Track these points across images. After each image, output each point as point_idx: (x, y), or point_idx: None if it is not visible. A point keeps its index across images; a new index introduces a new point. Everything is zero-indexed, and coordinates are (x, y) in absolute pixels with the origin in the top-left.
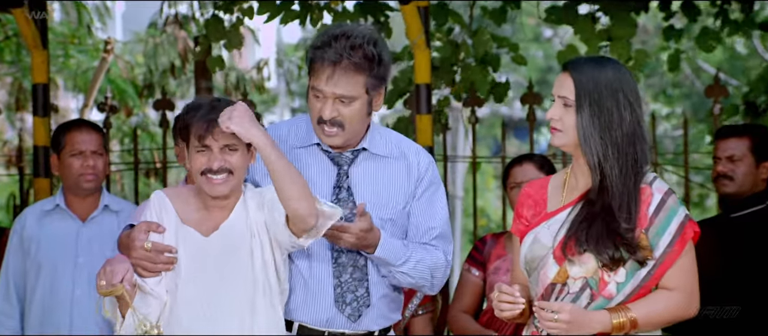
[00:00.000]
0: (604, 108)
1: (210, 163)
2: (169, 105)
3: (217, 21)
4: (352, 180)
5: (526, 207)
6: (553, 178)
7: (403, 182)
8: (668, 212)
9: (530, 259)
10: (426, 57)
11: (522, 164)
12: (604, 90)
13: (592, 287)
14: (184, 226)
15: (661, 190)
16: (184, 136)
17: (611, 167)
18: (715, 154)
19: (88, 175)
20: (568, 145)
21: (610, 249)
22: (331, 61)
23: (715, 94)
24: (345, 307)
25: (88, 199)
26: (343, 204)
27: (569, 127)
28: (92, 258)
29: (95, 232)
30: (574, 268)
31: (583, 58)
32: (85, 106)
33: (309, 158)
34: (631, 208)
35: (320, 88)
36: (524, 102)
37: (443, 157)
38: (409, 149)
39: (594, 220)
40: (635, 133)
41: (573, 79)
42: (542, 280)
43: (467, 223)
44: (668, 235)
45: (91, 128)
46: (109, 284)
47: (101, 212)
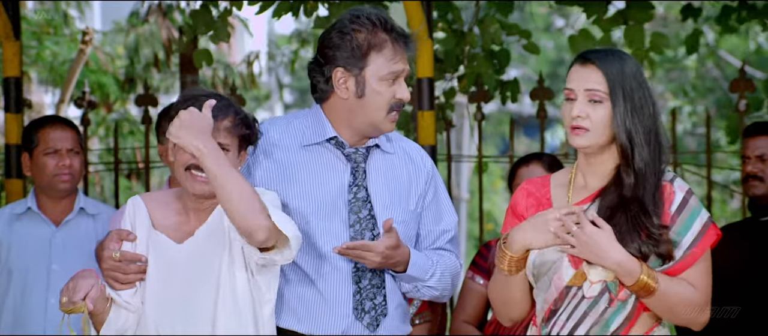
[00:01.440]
0: (635, 100)
1: (195, 160)
2: (152, 100)
3: (204, 11)
4: (369, 176)
5: (527, 207)
6: (555, 177)
7: (413, 182)
8: (691, 211)
9: (540, 264)
10: (428, 49)
11: (529, 164)
12: (632, 81)
13: (612, 291)
14: (156, 232)
15: (682, 189)
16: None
17: (645, 161)
18: (744, 153)
19: (63, 176)
20: (594, 145)
21: (637, 242)
22: (396, 39)
23: (740, 88)
24: (364, 315)
25: (62, 201)
26: (362, 205)
27: (598, 123)
28: (67, 265)
29: (70, 237)
30: (593, 271)
31: (602, 49)
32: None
33: (322, 154)
34: (657, 203)
35: (400, 69)
36: (534, 97)
37: (447, 157)
38: (410, 148)
39: (613, 215)
40: (657, 124)
41: (602, 71)
42: (556, 284)
43: (473, 228)
44: (691, 235)
45: (66, 125)
46: (70, 301)
47: (77, 216)
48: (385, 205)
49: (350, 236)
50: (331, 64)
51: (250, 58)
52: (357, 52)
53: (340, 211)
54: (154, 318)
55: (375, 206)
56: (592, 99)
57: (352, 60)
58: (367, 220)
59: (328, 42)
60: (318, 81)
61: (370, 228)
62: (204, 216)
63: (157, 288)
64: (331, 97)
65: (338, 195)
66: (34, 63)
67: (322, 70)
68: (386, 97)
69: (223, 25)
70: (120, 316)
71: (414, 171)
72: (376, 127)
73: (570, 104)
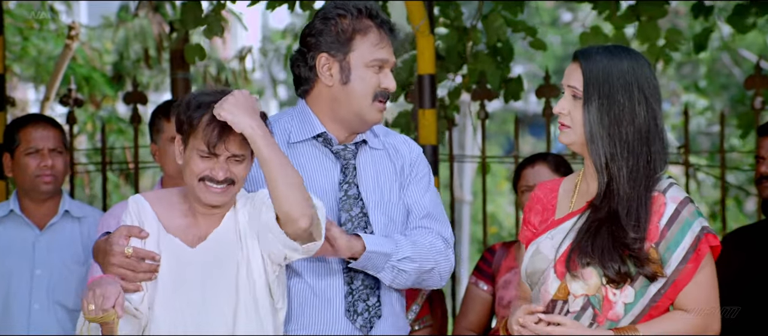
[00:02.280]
0: (614, 102)
1: (214, 172)
2: (141, 98)
3: (194, 6)
4: (359, 173)
5: (534, 212)
6: (566, 181)
7: (399, 176)
8: (682, 225)
9: (531, 273)
10: (430, 45)
11: (534, 165)
12: (616, 81)
13: (595, 307)
14: (168, 235)
15: (675, 200)
16: (182, 131)
17: (619, 168)
18: (758, 152)
19: (45, 177)
20: (577, 143)
21: (616, 262)
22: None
23: (756, 85)
24: (356, 317)
25: (46, 203)
26: (354, 202)
27: (578, 122)
28: (51, 270)
29: (54, 240)
30: (575, 285)
31: (597, 47)
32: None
33: (310, 152)
34: (639, 216)
35: (385, 57)
36: (540, 95)
37: (449, 157)
38: (397, 141)
39: (599, 229)
40: (650, 131)
41: (582, 69)
42: (544, 297)
43: (476, 231)
44: (681, 251)
45: (49, 123)
46: (100, 309)
47: (61, 219)
48: (376, 203)
49: None
50: (315, 50)
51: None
52: (341, 36)
53: (331, 210)
54: (167, 322)
55: (367, 204)
56: (573, 95)
57: (337, 44)
58: (359, 218)
59: (311, 29)
60: (301, 71)
61: (362, 226)
62: (215, 220)
63: (170, 292)
64: (316, 87)
65: (329, 193)
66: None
67: (305, 59)
68: (371, 83)
69: (216, 20)
70: (127, 321)
71: (399, 162)
72: (362, 116)
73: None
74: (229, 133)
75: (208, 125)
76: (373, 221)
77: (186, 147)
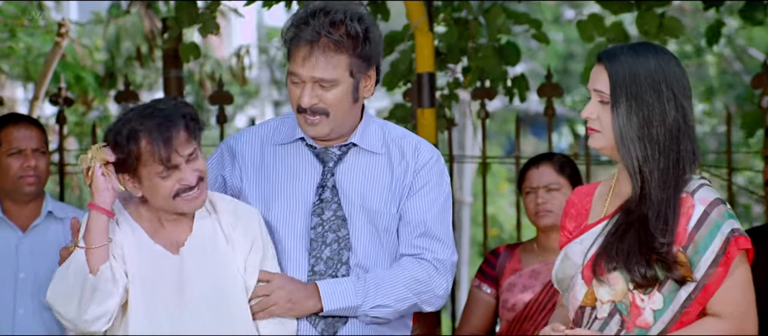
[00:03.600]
0: (643, 102)
1: (185, 181)
2: (133, 97)
3: (190, 3)
4: (338, 177)
5: (569, 218)
6: (601, 185)
7: (396, 183)
8: (711, 227)
9: (561, 279)
10: (429, 42)
11: (539, 166)
12: (643, 81)
13: (623, 313)
14: (153, 242)
15: (704, 201)
16: (128, 168)
17: (651, 172)
18: (765, 153)
19: (28, 178)
20: (607, 147)
21: (642, 265)
22: (307, 41)
23: (763, 83)
24: (318, 321)
25: (29, 205)
26: (327, 206)
27: (607, 126)
28: (36, 272)
29: (38, 243)
30: (601, 290)
31: (621, 47)
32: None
33: (293, 155)
34: (668, 218)
35: (297, 71)
36: (542, 94)
37: (449, 158)
38: (407, 145)
39: (626, 232)
40: (680, 130)
41: (607, 71)
42: (573, 303)
43: (476, 233)
44: (710, 254)
45: (31, 123)
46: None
47: (44, 220)
48: (356, 207)
49: (310, 239)
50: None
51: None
52: (287, 48)
53: (306, 213)
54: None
55: (344, 207)
56: (601, 100)
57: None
58: (331, 221)
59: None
60: None
61: (334, 229)
62: (183, 225)
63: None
64: None
65: (306, 195)
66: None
67: None
68: (292, 97)
69: (211, 17)
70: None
71: (402, 168)
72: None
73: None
74: (172, 139)
75: (149, 147)
76: (352, 226)
77: (140, 179)
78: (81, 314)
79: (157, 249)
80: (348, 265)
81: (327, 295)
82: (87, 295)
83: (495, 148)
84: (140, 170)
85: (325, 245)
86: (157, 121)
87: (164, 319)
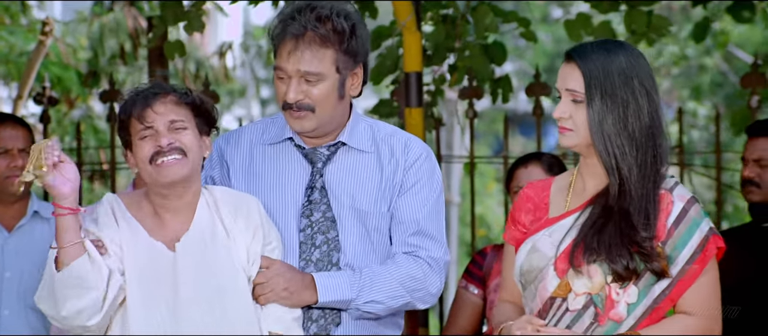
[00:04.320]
0: (618, 99)
1: (158, 142)
2: (117, 96)
3: (174, 3)
4: (327, 178)
5: (524, 211)
6: (557, 180)
7: (386, 182)
8: (690, 224)
9: (527, 271)
10: (416, 41)
11: (527, 165)
12: (616, 78)
13: (597, 305)
14: (152, 239)
15: (682, 198)
16: (124, 136)
17: (630, 168)
18: (744, 154)
19: (14, 177)
20: (580, 146)
21: (625, 257)
22: (293, 35)
23: (752, 83)
24: (310, 324)
25: (14, 205)
26: (316, 207)
27: (581, 124)
28: (21, 273)
29: (23, 243)
30: (577, 282)
31: (590, 44)
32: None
33: (281, 156)
34: (649, 213)
35: (282, 65)
36: (530, 93)
37: (437, 157)
38: (396, 142)
39: (605, 224)
40: (653, 125)
41: (580, 69)
42: (541, 294)
43: (464, 233)
44: (688, 250)
45: (18, 123)
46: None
47: (30, 220)
48: (346, 208)
49: (300, 241)
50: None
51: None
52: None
53: (295, 215)
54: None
55: (334, 208)
56: (573, 99)
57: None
58: (320, 223)
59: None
60: None
61: (323, 231)
62: (184, 218)
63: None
64: None
65: (295, 196)
66: None
67: None
68: (279, 93)
69: (197, 15)
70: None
71: (391, 167)
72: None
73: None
74: (154, 100)
75: (134, 108)
76: (342, 227)
77: (133, 151)
78: (59, 310)
79: (154, 245)
80: (338, 267)
81: (323, 286)
82: (60, 291)
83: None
84: (132, 139)
85: (315, 247)
86: (150, 85)
87: (163, 317)
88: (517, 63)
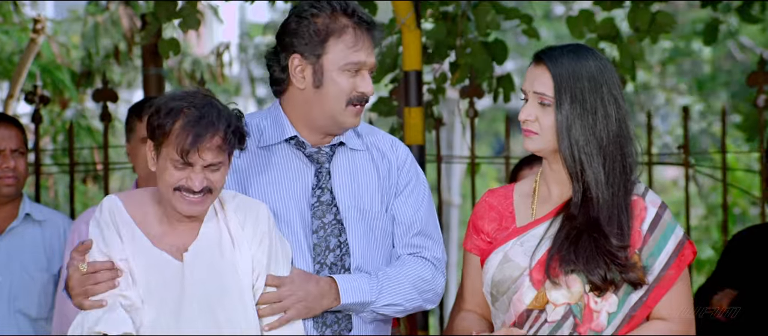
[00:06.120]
0: (587, 104)
1: (190, 182)
2: (111, 95)
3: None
4: (334, 178)
5: (487, 220)
6: (519, 187)
7: (383, 179)
8: (664, 229)
9: (499, 281)
10: (416, 39)
11: (533, 166)
12: (585, 84)
13: (576, 315)
14: (157, 249)
15: (655, 204)
16: (155, 137)
17: (596, 174)
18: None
19: (7, 179)
20: (545, 150)
21: (602, 268)
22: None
23: (759, 81)
24: (325, 329)
25: (6, 206)
26: (328, 209)
27: (547, 128)
28: (12, 276)
29: (15, 245)
30: (555, 293)
31: (560, 47)
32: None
33: (283, 155)
34: (622, 222)
35: (362, 60)
36: None
37: (437, 158)
38: (381, 140)
39: (579, 236)
40: (621, 133)
41: (550, 73)
42: (516, 306)
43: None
44: (665, 256)
45: (11, 123)
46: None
47: (22, 222)
48: (352, 209)
49: (313, 243)
50: (288, 50)
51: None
52: (315, 38)
53: (303, 217)
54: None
55: (341, 210)
56: (541, 102)
57: (310, 47)
58: (332, 225)
59: (286, 28)
60: (275, 71)
61: (335, 234)
62: (193, 227)
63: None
64: (289, 89)
65: (301, 199)
66: None
67: (278, 59)
68: (345, 88)
69: (192, 13)
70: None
71: (384, 166)
72: (336, 121)
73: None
74: (204, 141)
75: (180, 133)
76: (349, 229)
77: (159, 155)
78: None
79: (161, 255)
80: (349, 271)
81: (344, 289)
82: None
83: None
84: (163, 147)
85: (329, 251)
86: (202, 114)
87: (168, 323)
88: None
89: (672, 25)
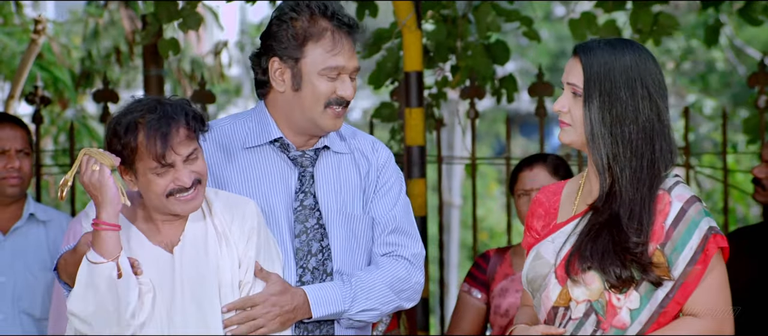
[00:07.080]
0: (616, 99)
1: (179, 182)
2: (111, 96)
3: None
4: (317, 182)
5: (536, 217)
6: (569, 184)
7: (363, 180)
8: (689, 224)
9: (532, 279)
10: (416, 40)
11: (532, 167)
12: (618, 77)
13: (599, 312)
14: (153, 245)
15: (681, 198)
16: (125, 159)
17: (622, 169)
18: (763, 156)
19: (11, 179)
20: (577, 142)
21: (617, 266)
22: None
23: (760, 82)
24: (307, 334)
25: (10, 207)
26: (310, 213)
27: (579, 120)
28: (15, 277)
29: (19, 245)
30: (576, 290)
31: (598, 40)
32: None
33: (267, 158)
34: (642, 218)
35: (341, 64)
36: (533, 93)
37: (437, 159)
38: (363, 143)
39: (600, 232)
40: (654, 129)
41: (582, 64)
42: (545, 303)
43: (466, 236)
44: (689, 251)
45: (15, 123)
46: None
47: (26, 223)
48: (335, 214)
49: (296, 247)
50: (268, 53)
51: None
52: (293, 41)
53: (287, 220)
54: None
55: (324, 214)
56: (574, 92)
57: (288, 50)
58: (315, 229)
59: (268, 30)
60: (257, 73)
61: (318, 238)
62: (177, 225)
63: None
64: (271, 91)
65: (284, 202)
66: None
67: (260, 61)
68: (324, 91)
69: (192, 13)
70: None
71: (365, 167)
72: (316, 123)
73: None
74: (173, 137)
75: (148, 141)
76: (331, 234)
77: (136, 173)
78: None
79: (155, 249)
80: (331, 275)
81: (315, 302)
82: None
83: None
84: (137, 164)
85: (311, 255)
86: (158, 115)
87: (162, 319)
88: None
89: (675, 26)
